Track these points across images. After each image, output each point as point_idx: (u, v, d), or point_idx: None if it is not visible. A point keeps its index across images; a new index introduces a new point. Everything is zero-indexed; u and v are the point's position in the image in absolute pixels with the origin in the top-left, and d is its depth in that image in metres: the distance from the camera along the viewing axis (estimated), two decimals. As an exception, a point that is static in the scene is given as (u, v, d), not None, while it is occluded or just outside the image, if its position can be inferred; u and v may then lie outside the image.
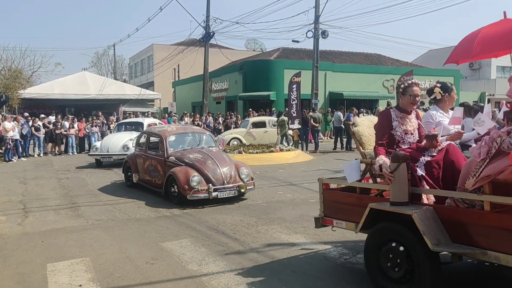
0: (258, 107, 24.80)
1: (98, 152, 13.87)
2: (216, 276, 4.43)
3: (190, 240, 5.75)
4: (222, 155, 8.87)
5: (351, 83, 28.19)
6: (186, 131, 9.80)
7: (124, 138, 14.01)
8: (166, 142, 8.83)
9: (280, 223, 6.52)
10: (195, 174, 7.86)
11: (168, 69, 38.20)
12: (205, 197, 7.75)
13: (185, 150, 8.88)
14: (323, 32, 22.96)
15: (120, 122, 16.68)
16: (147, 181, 9.34)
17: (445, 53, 40.94)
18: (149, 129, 11.05)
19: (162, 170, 8.70)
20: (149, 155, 9.32)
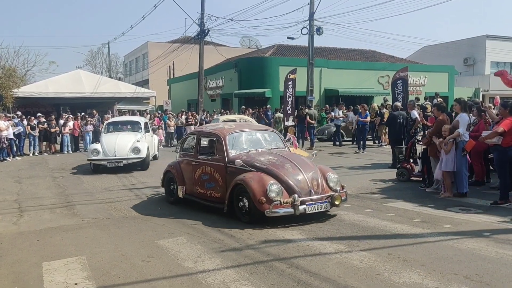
0: (253, 104, 24.77)
1: (101, 157, 11.98)
2: (212, 273, 4.43)
3: (186, 237, 5.75)
4: (300, 157, 7.25)
5: (346, 80, 28.21)
6: (247, 129, 7.96)
7: (130, 139, 12.66)
8: (226, 143, 7.06)
9: (276, 220, 6.50)
10: (273, 181, 6.20)
11: (163, 67, 38.11)
12: (288, 212, 6.06)
13: (250, 152, 7.12)
14: (318, 28, 22.92)
15: (111, 121, 14.51)
16: (199, 194, 7.45)
17: (439, 49, 41.12)
18: (200, 129, 9.22)
19: (222, 179, 6.93)
20: (201, 161, 7.45)
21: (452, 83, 33.11)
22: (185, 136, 9.09)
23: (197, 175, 7.46)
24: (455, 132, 7.63)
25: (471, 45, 39.62)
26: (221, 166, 6.99)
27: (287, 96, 19.30)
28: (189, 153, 7.99)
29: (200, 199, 7.41)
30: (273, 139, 7.86)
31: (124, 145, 12.29)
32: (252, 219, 6.28)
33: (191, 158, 7.71)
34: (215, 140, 7.45)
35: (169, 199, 8.13)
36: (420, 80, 31.20)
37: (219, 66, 32.60)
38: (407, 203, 7.47)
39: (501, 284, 3.94)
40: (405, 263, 4.54)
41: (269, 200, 6.04)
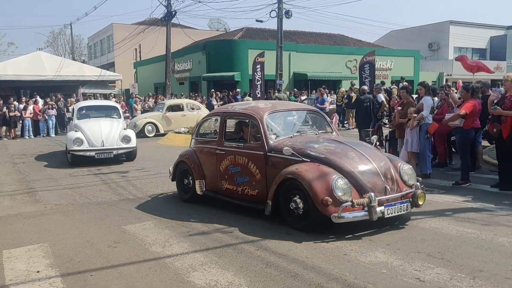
0: (222, 88, 24.54)
1: (86, 147, 10.38)
2: (180, 257, 4.40)
3: (153, 222, 5.67)
4: (362, 143, 6.07)
5: (315, 64, 28.32)
6: (287, 108, 6.61)
7: (116, 127, 11.05)
8: (263, 126, 5.66)
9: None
10: (337, 175, 4.88)
11: (129, 49, 37.10)
12: (361, 217, 4.77)
13: (295, 137, 5.80)
14: (286, 12, 22.79)
15: (83, 105, 12.30)
16: (226, 191, 6.11)
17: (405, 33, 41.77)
18: (225, 108, 7.09)
19: (260, 171, 5.58)
20: (229, 149, 6.04)
21: (417, 67, 33.82)
22: (204, 117, 7.24)
23: (223, 166, 6.07)
24: (419, 114, 7.79)
25: (436, 31, 40.48)
26: (258, 156, 5.61)
27: (256, 79, 19.24)
28: (210, 139, 6.57)
29: (227, 197, 6.11)
30: (316, 121, 6.54)
31: (112, 133, 10.72)
32: (309, 225, 4.97)
33: (214, 146, 6.27)
34: (248, 123, 6.02)
35: (183, 197, 6.80)
36: (387, 65, 31.70)
37: (187, 49, 32.05)
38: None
39: (460, 260, 4.08)
40: (370, 242, 4.63)
41: (337, 201, 4.71)
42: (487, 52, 42.35)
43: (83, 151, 10.43)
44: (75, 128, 10.94)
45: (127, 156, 11.07)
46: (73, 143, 10.39)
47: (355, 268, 3.99)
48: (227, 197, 6.13)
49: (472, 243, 4.52)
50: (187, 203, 6.64)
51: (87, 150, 10.43)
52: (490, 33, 42.27)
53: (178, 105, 18.48)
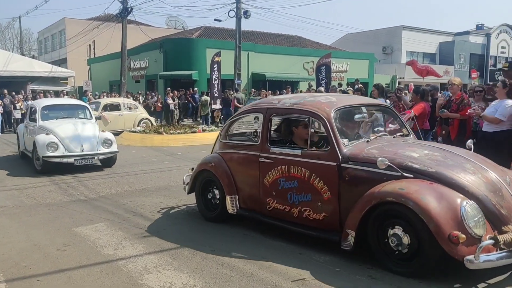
0: (180, 87, 24.24)
1: (63, 152, 8.94)
2: (134, 260, 4.28)
3: (106, 224, 5.50)
4: (466, 150, 4.60)
5: (273, 65, 28.53)
6: (355, 102, 5.26)
7: (94, 129, 9.70)
8: (333, 127, 4.34)
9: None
10: (465, 199, 3.59)
11: (82, 45, 35.89)
12: (506, 261, 3.50)
13: (372, 142, 4.49)
14: (245, 12, 22.86)
15: (47, 104, 10.47)
16: (274, 211, 4.77)
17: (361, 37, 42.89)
18: (268, 102, 5.28)
19: (330, 188, 4.25)
20: (278, 156, 4.70)
21: (372, 70, 34.84)
22: (235, 114, 5.77)
23: (269, 179, 4.76)
24: (373, 116, 8.00)
25: (389, 35, 41.84)
26: (327, 167, 4.27)
27: (213, 79, 19.13)
28: (247, 142, 5.21)
29: (275, 220, 4.79)
30: (387, 119, 5.48)
31: (91, 136, 9.40)
32: (421, 269, 3.66)
33: (255, 152, 4.92)
34: (308, 122, 4.63)
35: (207, 215, 5.54)
36: (343, 67, 32.43)
37: (143, 46, 31.42)
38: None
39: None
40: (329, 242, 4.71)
41: (470, 237, 3.43)
42: (436, 56, 44.24)
43: (59, 157, 8.89)
44: (44, 131, 9.26)
45: (105, 162, 9.58)
46: (46, 147, 8.80)
47: (310, 267, 4.03)
48: (274, 219, 4.78)
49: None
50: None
51: (65, 156, 8.94)
52: (439, 38, 44.19)
53: (115, 105, 17.25)
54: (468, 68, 40.93)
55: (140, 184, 7.85)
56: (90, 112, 10.57)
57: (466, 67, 42.04)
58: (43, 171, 8.93)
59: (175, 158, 10.92)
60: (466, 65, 42.65)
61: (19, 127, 11.54)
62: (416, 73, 20.27)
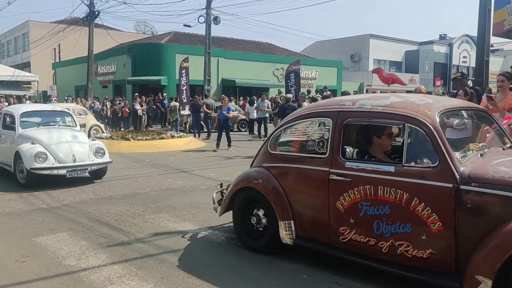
0: (148, 92, 23.96)
1: (53, 164, 7.99)
2: (97, 270, 4.14)
3: (68, 233, 5.30)
4: None
5: (243, 71, 28.60)
6: (456, 105, 4.26)
7: (83, 138, 8.96)
8: (441, 137, 3.45)
9: (169, 211, 6.35)
10: None
11: (47, 49, 34.98)
12: None
13: (487, 155, 3.66)
14: (215, 18, 22.86)
15: (26, 111, 9.38)
16: (352, 244, 3.81)
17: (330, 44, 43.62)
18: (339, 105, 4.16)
19: (442, 217, 3.33)
20: (360, 173, 3.74)
21: (340, 77, 35.45)
22: (285, 121, 4.68)
23: (345, 203, 3.79)
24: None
25: (357, 43, 42.73)
26: (440, 190, 3.32)
27: (182, 84, 19.01)
28: (308, 154, 4.24)
29: (354, 255, 3.82)
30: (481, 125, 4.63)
31: (82, 146, 8.52)
32: None
33: (322, 167, 3.96)
34: (403, 129, 3.66)
35: (250, 244, 4.60)
36: (312, 74, 32.86)
37: (111, 51, 30.88)
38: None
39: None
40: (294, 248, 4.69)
41: None
42: (402, 65, 45.47)
43: (49, 169, 7.92)
44: (28, 140, 8.33)
45: (96, 174, 8.69)
46: (34, 158, 7.81)
47: (279, 273, 4.00)
48: (352, 254, 3.80)
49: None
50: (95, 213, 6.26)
51: (55, 168, 7.98)
52: (405, 47, 45.45)
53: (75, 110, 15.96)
54: (432, 76, 42.27)
55: (106, 192, 7.64)
56: (74, 119, 9.64)
57: (431, 75, 43.40)
58: (28, 185, 7.90)
59: (143, 164, 10.72)
60: (430, 73, 44.02)
61: None
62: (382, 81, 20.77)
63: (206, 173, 9.58)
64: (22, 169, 8.07)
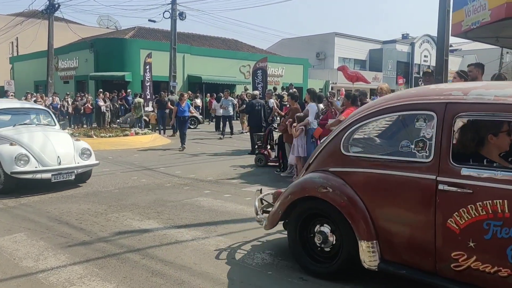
0: (112, 88, 23.38)
1: (37, 167, 7.24)
2: (56, 271, 4.01)
3: (26, 233, 5.11)
4: None
5: (209, 67, 28.39)
6: None
7: (66, 138, 8.11)
8: None
9: (133, 209, 6.23)
10: None
11: (4, 43, 33.55)
12: None
13: None
14: (180, 13, 22.59)
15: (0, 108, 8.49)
16: (470, 274, 3.01)
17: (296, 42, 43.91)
18: (445, 94, 3.29)
19: None
20: (483, 183, 2.95)
21: (306, 75, 35.79)
22: (362, 114, 3.76)
23: (462, 221, 3.03)
24: (305, 119, 8.18)
25: (323, 41, 43.22)
26: None
27: (146, 80, 18.71)
28: (400, 158, 3.40)
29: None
30: None
31: (67, 147, 7.75)
32: None
33: (425, 174, 3.20)
34: None
35: (315, 269, 3.86)
36: (278, 71, 33.01)
37: (73, 46, 29.96)
38: (263, 187, 7.74)
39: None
40: (260, 245, 4.70)
41: None
42: (367, 63, 46.36)
43: (32, 172, 7.16)
44: (5, 140, 7.51)
45: (80, 178, 7.91)
46: (14, 161, 7.02)
47: (242, 271, 4.00)
48: (469, 286, 3.03)
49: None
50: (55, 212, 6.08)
51: (39, 171, 7.23)
52: (369, 46, 46.35)
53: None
54: (395, 75, 43.35)
55: (67, 190, 7.41)
56: (53, 117, 8.89)
57: (394, 74, 44.48)
58: (6, 191, 7.09)
59: (106, 162, 10.47)
60: (393, 72, 45.11)
61: None
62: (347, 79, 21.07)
63: (172, 170, 9.47)
64: (1, 173, 7.23)
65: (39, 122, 8.62)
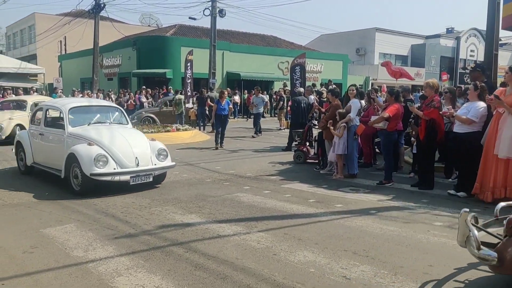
0: (153, 85, 23.97)
1: (115, 169, 6.97)
2: (104, 262, 4.17)
3: (76, 225, 5.34)
4: None
5: (248, 64, 28.52)
6: None
7: (143, 138, 7.78)
8: None
9: (175, 203, 6.37)
10: None
11: (52, 42, 35.01)
12: None
13: None
14: (220, 10, 22.77)
15: (75, 106, 8.16)
16: None
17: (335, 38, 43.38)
18: None
19: None
20: None
21: (346, 71, 35.29)
22: None
23: None
24: (347, 116, 8.08)
25: (363, 37, 42.45)
26: None
27: (187, 77, 19.01)
28: None
29: None
30: None
31: (144, 147, 7.43)
32: None
33: None
34: None
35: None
36: (317, 67, 32.72)
37: (116, 44, 30.90)
38: (303, 184, 7.77)
39: (383, 257, 4.25)
40: (300, 242, 4.70)
41: None
42: (408, 59, 45.15)
43: (111, 174, 6.86)
44: (82, 140, 7.21)
45: (156, 179, 7.51)
46: (94, 162, 6.73)
47: (284, 268, 4.01)
48: None
49: (394, 240, 4.74)
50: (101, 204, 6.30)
51: (117, 173, 6.92)
52: (411, 41, 45.10)
53: None
54: (438, 71, 41.96)
55: (112, 184, 7.65)
56: (125, 116, 8.52)
57: (437, 69, 43.08)
58: (83, 193, 6.83)
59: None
60: (437, 68, 43.69)
61: (21, 135, 8.94)
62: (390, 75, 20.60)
63: (212, 166, 9.60)
64: (76, 175, 6.96)
65: (112, 120, 8.28)
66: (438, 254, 4.31)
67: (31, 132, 8.53)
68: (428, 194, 6.93)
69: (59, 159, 7.35)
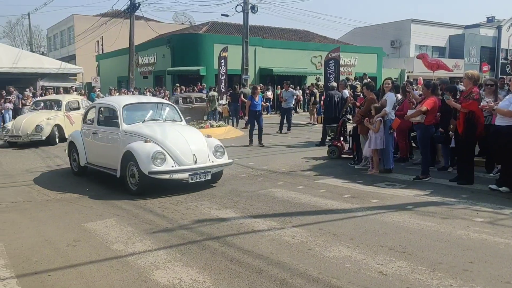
0: (187, 83, 24.29)
1: (173, 166, 6.70)
2: (143, 255, 4.29)
3: (115, 219, 5.52)
4: None
5: (280, 59, 28.43)
6: None
7: (197, 133, 7.62)
8: None
9: (210, 198, 6.47)
10: None
11: (90, 42, 36.05)
12: None
13: None
14: (252, 6, 22.78)
15: (129, 103, 7.92)
16: None
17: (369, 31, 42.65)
18: None
19: None
20: None
21: (380, 64, 34.58)
22: None
23: None
24: (382, 110, 7.94)
25: (398, 29, 41.47)
26: None
27: (221, 74, 19.16)
28: None
29: None
30: None
31: (201, 144, 7.22)
32: None
33: None
34: None
35: None
36: (351, 61, 32.23)
37: (151, 42, 31.49)
38: (337, 179, 7.71)
39: (421, 253, 4.18)
40: (335, 237, 4.68)
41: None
42: (446, 50, 43.80)
43: (169, 172, 6.66)
44: (138, 137, 7.04)
45: (212, 178, 7.24)
46: (152, 160, 6.56)
47: (319, 263, 4.01)
48: None
49: (432, 236, 4.64)
50: (139, 200, 6.47)
51: (176, 171, 6.72)
52: (449, 32, 43.70)
53: (76, 102, 15.07)
54: (479, 62, 40.47)
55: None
56: (179, 113, 8.30)
57: (477, 61, 41.57)
58: (140, 193, 6.69)
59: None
60: (476, 58, 42.18)
61: (74, 134, 8.73)
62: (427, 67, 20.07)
63: (245, 161, 9.66)
64: (133, 173, 6.82)
65: (165, 117, 8.10)
66: (479, 251, 4.19)
67: (83, 132, 8.44)
68: (468, 189, 6.73)
69: (114, 158, 7.21)
